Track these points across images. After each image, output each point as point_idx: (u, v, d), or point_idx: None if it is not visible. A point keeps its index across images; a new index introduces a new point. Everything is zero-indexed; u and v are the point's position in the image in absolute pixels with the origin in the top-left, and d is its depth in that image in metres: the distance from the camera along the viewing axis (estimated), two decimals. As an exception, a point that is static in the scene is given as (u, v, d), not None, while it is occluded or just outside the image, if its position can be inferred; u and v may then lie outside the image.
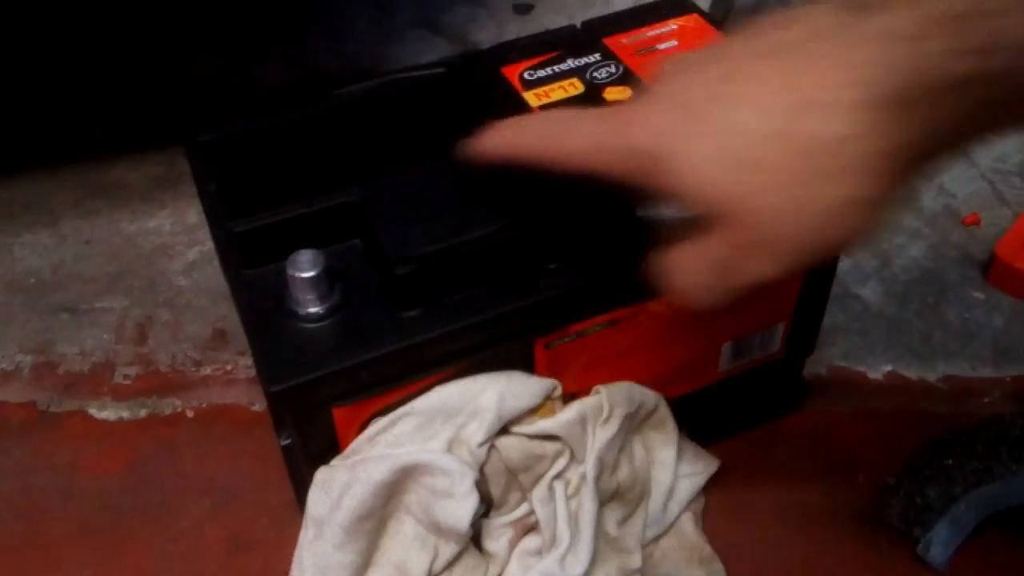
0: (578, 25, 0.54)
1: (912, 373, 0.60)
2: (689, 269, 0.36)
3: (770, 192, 0.32)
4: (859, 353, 0.62)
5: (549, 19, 0.92)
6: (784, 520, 0.53)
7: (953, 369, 0.60)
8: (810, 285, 0.50)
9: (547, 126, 0.39)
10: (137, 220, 0.73)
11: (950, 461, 0.51)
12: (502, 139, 0.40)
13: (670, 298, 0.38)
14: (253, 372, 0.62)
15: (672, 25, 0.53)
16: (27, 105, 0.84)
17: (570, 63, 0.51)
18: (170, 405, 0.60)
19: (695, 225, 0.35)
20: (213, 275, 0.69)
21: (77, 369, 0.63)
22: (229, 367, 0.63)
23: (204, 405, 0.60)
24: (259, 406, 0.60)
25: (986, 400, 0.58)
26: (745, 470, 0.55)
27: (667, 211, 0.37)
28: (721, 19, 0.55)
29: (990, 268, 0.65)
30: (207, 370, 0.63)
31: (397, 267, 0.40)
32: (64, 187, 0.76)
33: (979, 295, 0.65)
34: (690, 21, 0.53)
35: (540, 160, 0.38)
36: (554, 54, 0.51)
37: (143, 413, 0.60)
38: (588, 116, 0.37)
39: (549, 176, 0.38)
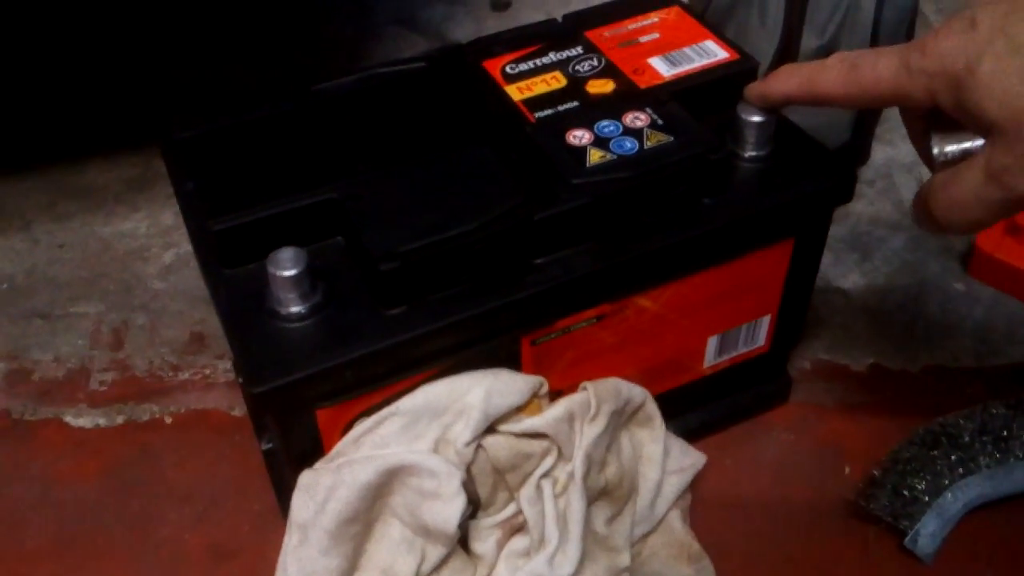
0: (559, 19, 0.53)
1: (895, 365, 0.60)
2: (964, 182, 0.38)
3: None
4: (842, 346, 0.62)
5: (527, 16, 0.92)
6: (771, 514, 0.52)
7: (935, 360, 0.61)
8: (795, 276, 0.50)
9: (847, 61, 0.40)
10: (111, 223, 0.72)
11: (936, 452, 0.52)
12: (796, 80, 0.42)
13: (936, 218, 0.40)
14: (232, 376, 0.60)
15: (653, 18, 0.53)
16: (-4, 108, 0.83)
17: (552, 56, 0.50)
18: (148, 411, 0.59)
19: (970, 155, 0.38)
20: (189, 278, 0.67)
21: (52, 376, 0.62)
22: (207, 371, 0.61)
23: (183, 410, 0.59)
24: (239, 410, 0.59)
25: (969, 391, 0.58)
26: (731, 465, 0.55)
27: (947, 145, 0.39)
28: (701, 11, 0.55)
29: (971, 259, 0.66)
30: (185, 375, 0.61)
31: (381, 264, 0.39)
32: (36, 190, 0.75)
33: (960, 286, 0.65)
34: (671, 14, 0.53)
35: (841, 97, 0.41)
36: (536, 48, 0.51)
37: (120, 420, 0.59)
38: (888, 49, 0.39)
39: None
